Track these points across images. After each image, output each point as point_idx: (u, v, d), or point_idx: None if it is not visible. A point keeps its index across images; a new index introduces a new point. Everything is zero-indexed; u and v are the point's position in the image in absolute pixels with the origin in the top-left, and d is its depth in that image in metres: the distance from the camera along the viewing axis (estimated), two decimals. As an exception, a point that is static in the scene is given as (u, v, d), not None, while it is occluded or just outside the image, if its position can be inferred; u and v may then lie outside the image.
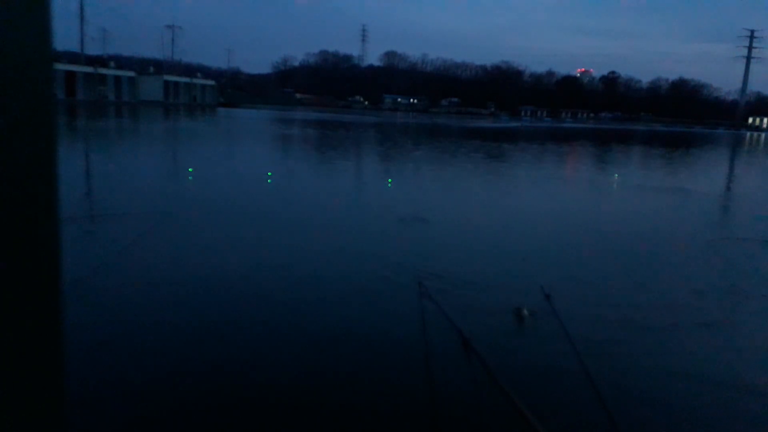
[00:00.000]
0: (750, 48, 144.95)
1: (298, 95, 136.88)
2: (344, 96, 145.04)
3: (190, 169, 18.99)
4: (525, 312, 6.12)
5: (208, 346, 5.17)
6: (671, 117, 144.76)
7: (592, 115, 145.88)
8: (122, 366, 4.74)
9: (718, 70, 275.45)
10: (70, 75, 79.51)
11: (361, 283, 7.09)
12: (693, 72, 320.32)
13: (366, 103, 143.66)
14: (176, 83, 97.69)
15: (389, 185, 17.22)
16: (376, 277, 7.27)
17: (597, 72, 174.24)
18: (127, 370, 4.66)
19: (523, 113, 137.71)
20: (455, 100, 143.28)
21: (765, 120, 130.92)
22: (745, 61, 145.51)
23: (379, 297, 6.62)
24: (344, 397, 4.37)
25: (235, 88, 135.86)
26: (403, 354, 5.19)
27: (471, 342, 5.29)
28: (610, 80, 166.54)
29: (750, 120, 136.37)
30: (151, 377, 4.56)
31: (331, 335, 5.49)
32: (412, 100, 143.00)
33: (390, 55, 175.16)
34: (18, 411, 0.69)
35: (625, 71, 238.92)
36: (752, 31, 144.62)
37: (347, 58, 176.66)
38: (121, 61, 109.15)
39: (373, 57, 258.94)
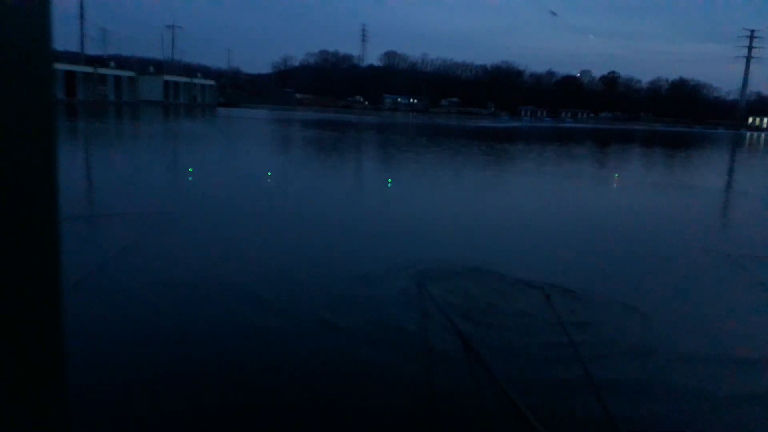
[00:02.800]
0: (750, 48, 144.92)
1: (298, 95, 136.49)
2: (344, 96, 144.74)
3: (190, 169, 18.84)
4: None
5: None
6: (671, 117, 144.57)
7: (592, 115, 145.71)
8: None
9: (719, 70, 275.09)
10: (70, 75, 79.24)
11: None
12: (693, 72, 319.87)
13: (366, 103, 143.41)
14: (176, 83, 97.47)
15: (388, 185, 17.09)
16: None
17: (597, 72, 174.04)
18: None
19: (523, 113, 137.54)
20: (455, 100, 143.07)
21: (765, 120, 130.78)
22: (745, 61, 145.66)
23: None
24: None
25: (235, 88, 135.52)
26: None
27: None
28: (610, 80, 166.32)
29: (750, 120, 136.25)
30: None
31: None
32: (412, 100, 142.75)
33: (390, 55, 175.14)
34: (20, 409, 0.70)
35: (625, 71, 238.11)
36: (752, 31, 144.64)
37: (347, 58, 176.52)
38: (121, 61, 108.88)
39: (373, 57, 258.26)
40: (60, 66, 75.97)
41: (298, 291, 6.50)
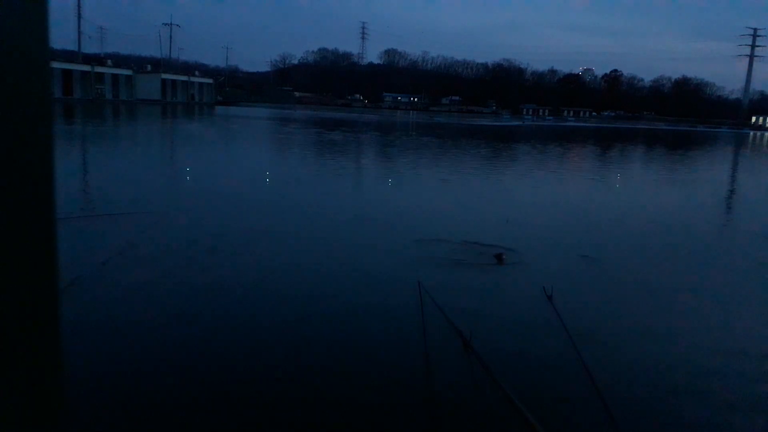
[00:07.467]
0: (753, 46, 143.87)
1: (296, 93, 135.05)
2: (343, 94, 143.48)
3: (187, 169, 18.67)
4: None
5: None
6: (674, 116, 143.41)
7: (594, 113, 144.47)
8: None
9: (721, 68, 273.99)
10: (67, 73, 78.27)
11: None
12: (696, 70, 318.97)
13: (365, 101, 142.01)
14: (174, 81, 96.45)
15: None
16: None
17: (599, 70, 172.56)
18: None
19: (525, 112, 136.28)
20: (456, 98, 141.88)
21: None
22: (748, 59, 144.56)
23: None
24: None
25: (234, 87, 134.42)
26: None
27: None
28: (613, 78, 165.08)
29: (753, 119, 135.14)
30: None
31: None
32: (412, 98, 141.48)
33: (390, 53, 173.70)
34: (17, 409, 0.69)
35: (627, 69, 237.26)
36: (755, 30, 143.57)
37: (347, 56, 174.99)
38: (119, 60, 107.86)
39: (373, 55, 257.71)
40: (57, 64, 74.82)
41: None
